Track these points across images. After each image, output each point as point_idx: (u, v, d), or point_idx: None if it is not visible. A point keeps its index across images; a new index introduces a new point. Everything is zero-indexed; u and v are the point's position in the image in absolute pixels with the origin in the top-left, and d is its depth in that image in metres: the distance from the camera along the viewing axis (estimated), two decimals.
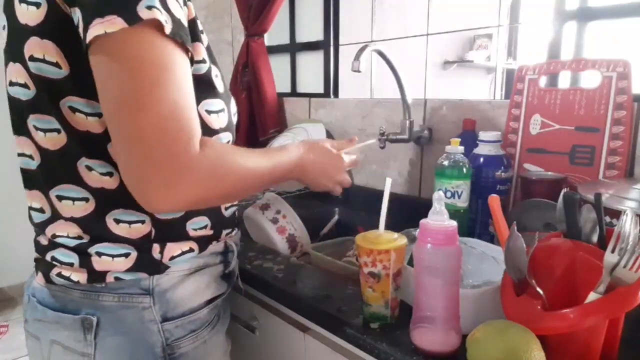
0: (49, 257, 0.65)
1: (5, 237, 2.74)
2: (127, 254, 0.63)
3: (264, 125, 1.66)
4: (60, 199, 0.63)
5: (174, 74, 0.53)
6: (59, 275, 0.64)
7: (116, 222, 0.63)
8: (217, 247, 0.74)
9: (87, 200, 0.62)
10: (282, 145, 0.77)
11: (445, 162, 0.94)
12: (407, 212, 0.92)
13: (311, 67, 1.72)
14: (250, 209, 1.05)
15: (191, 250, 0.68)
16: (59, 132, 0.60)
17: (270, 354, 0.91)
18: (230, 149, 0.65)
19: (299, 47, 1.76)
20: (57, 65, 0.57)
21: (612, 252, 0.53)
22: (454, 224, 0.59)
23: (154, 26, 0.51)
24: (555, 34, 1.07)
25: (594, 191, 0.63)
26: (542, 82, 1.02)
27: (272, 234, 1.01)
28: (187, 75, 0.56)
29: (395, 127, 1.22)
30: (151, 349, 0.66)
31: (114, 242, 0.63)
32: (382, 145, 1.21)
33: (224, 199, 0.67)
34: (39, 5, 0.55)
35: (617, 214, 0.68)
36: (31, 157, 0.63)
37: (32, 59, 0.57)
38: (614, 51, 1.01)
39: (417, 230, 0.61)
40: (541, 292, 0.58)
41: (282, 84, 1.77)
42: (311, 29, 1.68)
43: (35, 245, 0.68)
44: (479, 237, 0.91)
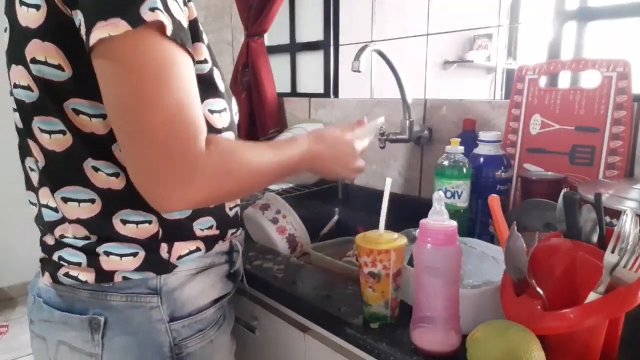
0: (56, 257, 0.65)
1: (5, 237, 2.74)
2: (135, 254, 0.63)
3: (264, 125, 1.67)
4: (65, 200, 0.62)
5: (179, 74, 0.53)
6: (66, 275, 0.64)
7: (123, 222, 0.63)
8: (223, 246, 0.74)
9: (93, 201, 0.62)
10: (290, 137, 0.75)
11: (445, 162, 0.94)
12: (407, 212, 0.92)
13: (311, 67, 1.72)
14: (250, 209, 1.05)
15: (198, 249, 0.69)
16: (64, 133, 0.60)
17: (270, 354, 0.91)
18: (236, 144, 0.64)
19: (299, 47, 1.76)
20: (60, 67, 0.56)
21: (612, 252, 0.53)
22: (454, 224, 0.59)
23: (157, 28, 0.51)
24: (555, 34, 1.07)
25: (594, 191, 0.63)
26: (542, 82, 1.02)
27: (272, 234, 1.01)
28: (191, 75, 0.56)
29: (395, 127, 1.22)
30: (159, 349, 0.66)
31: (121, 242, 0.63)
32: (382, 145, 1.21)
33: (233, 195, 0.66)
34: (38, 7, 0.55)
35: (617, 214, 0.68)
36: (35, 159, 0.63)
37: (34, 61, 0.57)
38: (614, 51, 1.01)
39: (417, 230, 0.61)
40: (541, 292, 0.58)
41: (282, 84, 1.77)
42: (311, 29, 1.68)
43: (41, 245, 0.68)
44: (479, 237, 0.91)
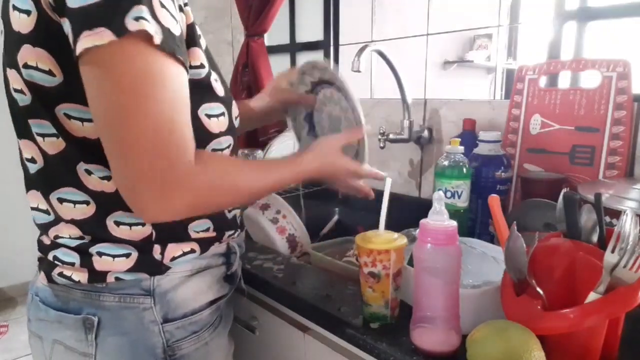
0: (51, 256, 0.65)
1: (5, 237, 2.74)
2: (127, 254, 0.63)
3: (264, 125, 1.66)
4: (61, 201, 0.63)
5: (164, 85, 0.52)
6: (60, 275, 0.64)
7: (117, 224, 0.63)
8: (219, 248, 0.74)
9: (87, 203, 0.62)
10: (285, 156, 0.76)
11: (445, 162, 0.94)
12: (407, 212, 0.92)
13: None
14: (250, 209, 1.05)
15: (192, 251, 0.68)
16: (57, 137, 0.60)
17: (270, 354, 0.91)
18: (227, 161, 0.65)
19: (299, 47, 1.75)
20: (50, 73, 0.56)
21: (612, 252, 0.53)
22: (454, 224, 0.59)
23: (143, 38, 0.50)
24: (555, 34, 1.07)
25: (594, 191, 0.63)
26: (542, 82, 1.02)
27: (272, 234, 1.01)
28: (180, 84, 0.55)
29: (395, 127, 1.22)
30: (152, 350, 0.66)
31: (115, 243, 0.63)
32: (382, 145, 1.21)
33: (217, 210, 0.68)
34: (29, 13, 0.54)
35: (617, 214, 0.68)
36: (33, 159, 0.63)
37: (25, 66, 0.57)
38: (614, 51, 1.01)
39: (417, 230, 0.61)
40: (541, 292, 0.58)
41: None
42: (311, 29, 1.68)
43: (38, 244, 0.68)
44: (479, 237, 0.91)
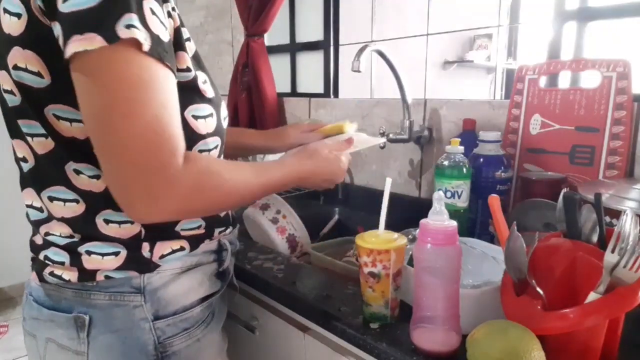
0: (42, 256, 0.66)
1: (5, 237, 2.73)
2: (116, 253, 0.64)
3: (264, 125, 1.66)
4: (51, 200, 0.63)
5: (153, 90, 0.53)
6: (51, 274, 0.65)
7: (106, 222, 0.63)
8: (210, 245, 0.74)
9: (77, 201, 0.63)
10: (277, 159, 0.77)
11: (445, 162, 0.94)
12: (407, 212, 0.92)
13: (311, 67, 1.72)
14: (250, 209, 1.05)
15: (182, 248, 0.68)
16: (46, 137, 0.60)
17: (270, 354, 0.91)
18: (216, 163, 0.65)
19: (299, 47, 1.76)
20: (39, 74, 0.57)
21: (612, 252, 0.53)
22: (454, 224, 0.59)
23: (133, 44, 0.51)
24: (555, 34, 1.07)
25: (594, 191, 0.63)
26: (542, 82, 1.02)
27: (272, 234, 1.01)
28: (169, 90, 0.56)
29: (395, 127, 1.22)
30: (143, 347, 0.66)
31: (104, 241, 0.64)
32: (382, 145, 1.21)
33: (207, 212, 0.68)
34: (20, 16, 0.55)
35: (617, 214, 0.68)
36: (25, 159, 0.64)
37: (15, 67, 0.57)
38: (614, 51, 1.01)
39: (417, 230, 0.61)
40: (541, 292, 0.58)
41: (282, 84, 1.77)
42: (311, 29, 1.68)
43: (30, 245, 0.69)
44: (479, 237, 0.91)
